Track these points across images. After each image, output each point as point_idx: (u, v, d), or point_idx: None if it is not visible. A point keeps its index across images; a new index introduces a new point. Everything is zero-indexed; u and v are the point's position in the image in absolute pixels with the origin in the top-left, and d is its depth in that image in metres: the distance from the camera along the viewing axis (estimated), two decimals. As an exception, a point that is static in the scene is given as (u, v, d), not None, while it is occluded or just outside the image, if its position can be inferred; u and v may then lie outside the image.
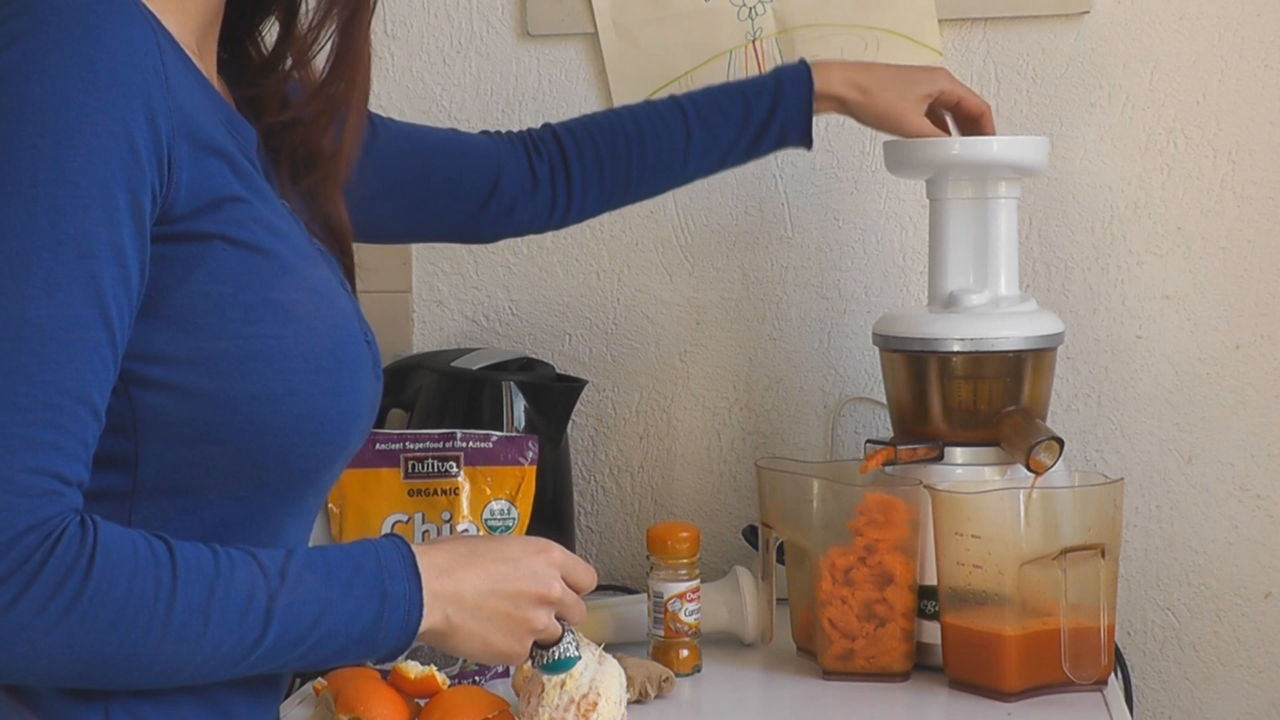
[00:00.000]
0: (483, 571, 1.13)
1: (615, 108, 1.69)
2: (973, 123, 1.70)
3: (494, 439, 1.66)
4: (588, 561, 1.24)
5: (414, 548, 1.10)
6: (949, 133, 1.70)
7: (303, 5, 1.20)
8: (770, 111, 1.64)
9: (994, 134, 1.70)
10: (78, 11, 0.97)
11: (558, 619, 1.19)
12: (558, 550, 1.18)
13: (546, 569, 1.16)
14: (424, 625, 1.09)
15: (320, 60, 1.20)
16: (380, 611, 1.06)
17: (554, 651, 1.22)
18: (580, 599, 1.21)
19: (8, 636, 0.94)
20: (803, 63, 1.66)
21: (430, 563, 1.10)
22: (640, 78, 1.97)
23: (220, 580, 1.00)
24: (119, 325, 0.98)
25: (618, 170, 1.62)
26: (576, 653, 1.23)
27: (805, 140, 1.66)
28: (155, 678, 0.99)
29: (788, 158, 1.96)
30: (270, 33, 1.25)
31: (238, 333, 1.04)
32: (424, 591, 1.08)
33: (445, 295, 2.04)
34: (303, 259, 1.10)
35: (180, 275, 1.02)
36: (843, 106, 1.67)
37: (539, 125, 1.65)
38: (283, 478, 1.09)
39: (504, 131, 1.64)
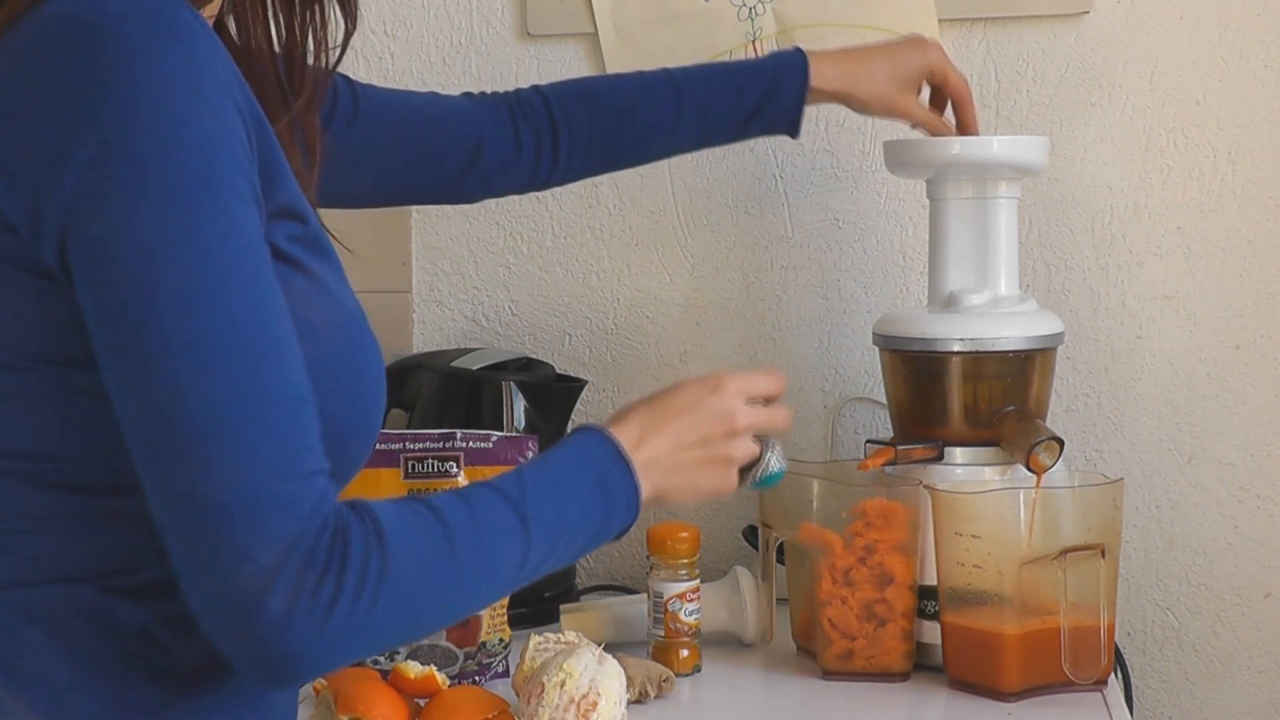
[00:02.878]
0: (670, 430, 1.19)
1: (609, 76, 1.69)
2: (955, 105, 1.71)
3: (494, 439, 1.66)
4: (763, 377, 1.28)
5: (610, 431, 1.16)
6: (942, 118, 1.71)
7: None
8: (762, 101, 1.64)
9: (974, 123, 1.70)
10: (168, 40, 0.97)
11: (755, 438, 1.25)
12: (729, 381, 1.23)
13: (724, 403, 1.22)
14: (641, 499, 1.15)
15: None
16: (606, 504, 1.13)
17: (757, 470, 1.27)
18: (775, 409, 1.26)
19: (339, 630, 0.97)
20: (799, 53, 1.65)
21: (627, 439, 1.16)
22: (640, 78, 1.97)
23: (481, 517, 1.05)
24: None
25: (605, 142, 1.62)
26: (780, 465, 1.28)
27: (793, 131, 1.66)
28: (455, 617, 1.11)
29: (788, 158, 1.96)
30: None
31: None
32: (634, 471, 1.15)
33: (445, 295, 2.04)
34: (333, 273, 1.11)
35: None
36: (839, 99, 1.68)
37: (528, 87, 1.64)
38: None
39: (489, 94, 1.64)
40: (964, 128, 1.70)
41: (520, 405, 1.83)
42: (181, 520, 0.96)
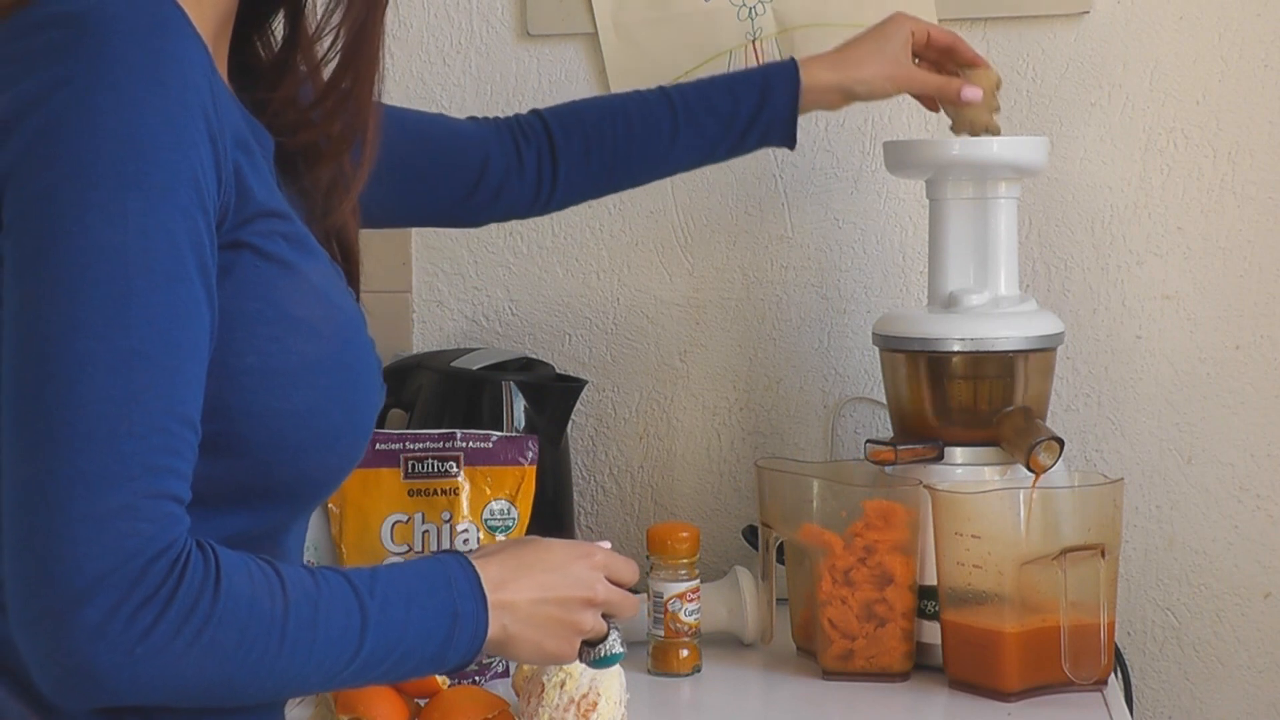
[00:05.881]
0: (533, 581, 1.17)
1: (605, 96, 1.69)
2: (947, 53, 1.70)
3: (494, 439, 1.66)
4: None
5: (475, 564, 1.14)
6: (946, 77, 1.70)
7: (309, 2, 1.19)
8: (756, 111, 1.63)
9: (976, 56, 1.70)
10: (144, 34, 0.97)
11: (605, 617, 1.23)
12: (600, 553, 1.23)
13: (589, 573, 1.21)
14: (486, 637, 1.13)
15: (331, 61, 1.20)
16: (451, 631, 1.10)
17: (600, 649, 1.26)
18: (628, 594, 1.25)
19: (145, 661, 0.95)
20: (791, 62, 1.65)
21: (489, 577, 1.14)
22: (640, 78, 1.96)
23: (322, 599, 1.03)
24: (208, 343, 1.00)
25: (602, 160, 1.63)
26: (621, 649, 1.27)
27: (788, 141, 1.66)
28: (270, 692, 1.03)
29: (788, 157, 1.96)
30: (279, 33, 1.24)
31: (262, 349, 1.04)
32: (488, 609, 1.12)
33: (445, 295, 2.04)
34: (322, 273, 1.11)
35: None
36: (845, 95, 1.66)
37: (527, 111, 1.65)
38: (296, 490, 1.10)
39: (491, 118, 1.65)
40: (970, 63, 1.70)
41: (520, 405, 1.83)
42: (22, 505, 0.94)
